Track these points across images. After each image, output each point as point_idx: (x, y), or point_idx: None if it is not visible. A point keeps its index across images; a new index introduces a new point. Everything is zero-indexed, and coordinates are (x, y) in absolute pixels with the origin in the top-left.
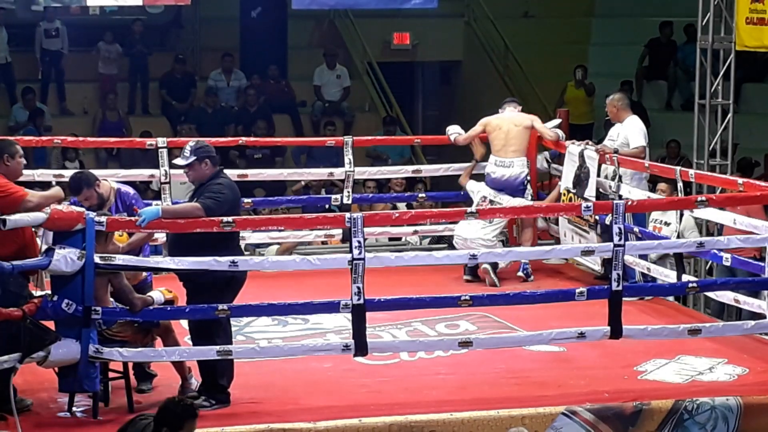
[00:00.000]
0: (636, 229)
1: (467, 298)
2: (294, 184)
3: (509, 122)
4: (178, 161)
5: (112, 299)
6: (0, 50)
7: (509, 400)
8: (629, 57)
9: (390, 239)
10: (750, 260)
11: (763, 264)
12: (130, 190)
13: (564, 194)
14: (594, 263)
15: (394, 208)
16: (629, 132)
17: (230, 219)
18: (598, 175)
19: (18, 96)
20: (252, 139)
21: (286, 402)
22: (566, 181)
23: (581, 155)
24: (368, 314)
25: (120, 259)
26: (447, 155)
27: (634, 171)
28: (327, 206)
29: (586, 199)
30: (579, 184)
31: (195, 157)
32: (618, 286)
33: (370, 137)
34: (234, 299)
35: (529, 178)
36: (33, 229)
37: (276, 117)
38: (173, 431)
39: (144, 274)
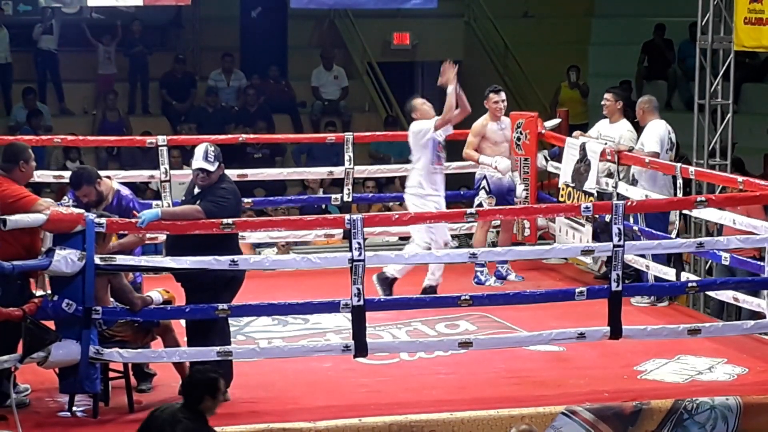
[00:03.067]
0: (636, 228)
1: (467, 298)
2: (294, 183)
3: None
4: (203, 165)
5: (112, 299)
6: (1, 50)
7: (509, 400)
8: (629, 57)
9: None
10: (749, 260)
11: (762, 263)
12: (128, 193)
13: (563, 188)
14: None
15: (389, 209)
16: (646, 136)
17: (230, 221)
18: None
19: (19, 96)
20: (252, 136)
21: (286, 402)
22: (565, 175)
23: (582, 148)
24: (368, 314)
25: (120, 260)
26: (447, 154)
27: (654, 172)
28: (324, 206)
29: (586, 192)
30: (578, 178)
31: (218, 163)
32: (618, 286)
33: (370, 133)
34: (232, 299)
35: (485, 182)
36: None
37: (276, 117)
38: (213, 396)
39: (131, 274)
